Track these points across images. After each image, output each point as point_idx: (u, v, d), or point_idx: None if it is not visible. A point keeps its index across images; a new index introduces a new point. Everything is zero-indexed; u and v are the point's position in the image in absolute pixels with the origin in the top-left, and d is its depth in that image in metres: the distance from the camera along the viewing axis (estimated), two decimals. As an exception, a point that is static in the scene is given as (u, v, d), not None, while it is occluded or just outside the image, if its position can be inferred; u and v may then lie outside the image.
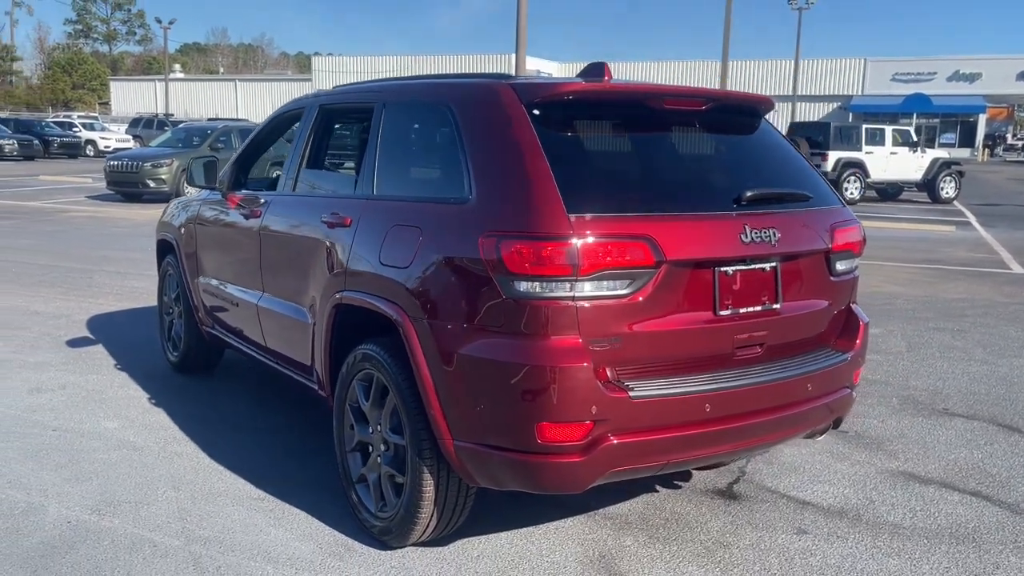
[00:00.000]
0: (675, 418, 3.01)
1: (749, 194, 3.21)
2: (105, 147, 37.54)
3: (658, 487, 4.18)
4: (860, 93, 55.60)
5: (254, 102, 60.63)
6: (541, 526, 3.72)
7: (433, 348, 3.09)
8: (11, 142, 34.09)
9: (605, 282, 2.89)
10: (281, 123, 4.89)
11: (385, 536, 3.44)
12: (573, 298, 2.86)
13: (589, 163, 3.18)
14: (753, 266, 3.21)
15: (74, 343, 6.66)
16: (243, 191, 4.88)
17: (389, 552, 3.45)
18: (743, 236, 3.11)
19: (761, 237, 3.16)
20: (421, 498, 3.24)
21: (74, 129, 40.44)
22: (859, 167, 22.99)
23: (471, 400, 3.01)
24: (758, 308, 3.25)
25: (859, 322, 3.66)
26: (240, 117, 52.20)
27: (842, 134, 23.53)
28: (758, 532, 3.73)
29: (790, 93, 48.06)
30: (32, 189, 21.97)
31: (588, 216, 2.88)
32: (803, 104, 53.40)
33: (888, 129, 24.43)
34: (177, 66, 76.14)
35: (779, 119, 49.75)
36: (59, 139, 37.70)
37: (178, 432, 4.80)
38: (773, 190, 3.42)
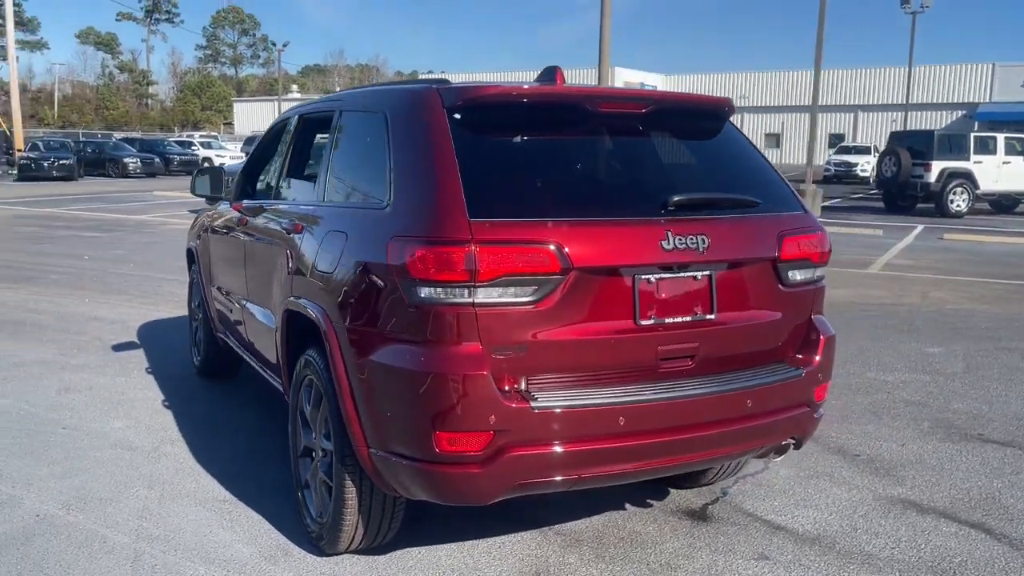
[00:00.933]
0: (584, 431, 2.89)
1: (677, 199, 3.06)
2: (219, 164, 39.39)
3: (627, 504, 4.03)
4: (988, 100, 52.52)
5: (364, 119, 62.38)
6: (487, 540, 3.64)
7: (351, 354, 3.08)
8: (135, 160, 36.38)
9: (507, 289, 2.81)
10: (275, 133, 5.00)
11: (320, 542, 3.45)
12: (473, 304, 2.79)
13: (504, 167, 3.10)
14: (682, 274, 3.06)
15: (118, 347, 6.98)
16: (246, 200, 5.01)
17: (324, 559, 3.44)
18: (664, 243, 2.97)
19: (686, 244, 3.00)
20: (345, 505, 3.23)
21: (193, 148, 42.77)
22: (966, 177, 21.69)
23: (381, 408, 2.98)
24: (688, 318, 3.09)
25: (820, 335, 3.43)
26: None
27: (948, 143, 22.28)
28: (714, 555, 3.54)
29: (902, 102, 45.90)
30: (143, 203, 23.29)
31: (490, 221, 2.81)
32: (919, 113, 50.92)
33: (1000, 137, 22.97)
34: (294, 86, 79.45)
35: (884, 129, 47.87)
36: (178, 157, 39.95)
37: (175, 433, 4.95)
38: (704, 195, 3.25)
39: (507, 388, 2.85)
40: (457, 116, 3.07)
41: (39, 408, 5.38)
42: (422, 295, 2.80)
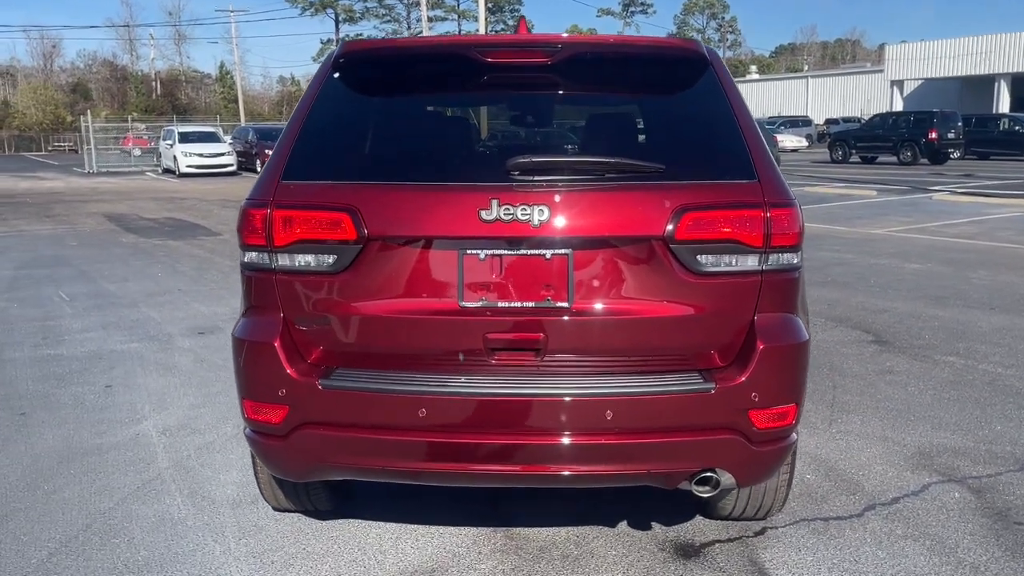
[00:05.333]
0: (380, 418, 2.61)
1: (514, 162, 2.56)
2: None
3: (619, 523, 3.48)
4: None
5: (823, 98, 59.26)
6: (424, 527, 3.45)
7: None
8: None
9: (304, 256, 2.66)
10: None
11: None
12: (273, 271, 2.69)
13: (348, 127, 2.88)
14: (526, 252, 2.57)
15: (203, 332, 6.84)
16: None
17: (283, 513, 3.52)
18: (484, 213, 2.52)
19: (515, 216, 2.51)
20: (256, 472, 3.33)
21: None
22: None
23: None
24: (530, 304, 2.58)
25: (759, 343, 2.60)
26: (804, 115, 51.62)
27: None
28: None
29: None
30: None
31: (296, 184, 2.68)
32: None
33: None
34: (753, 67, 78.19)
35: None
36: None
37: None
38: (555, 158, 2.65)
39: (309, 362, 2.69)
40: (337, 74, 2.94)
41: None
42: (245, 259, 2.78)
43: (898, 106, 45.04)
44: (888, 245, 11.05)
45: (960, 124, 29.40)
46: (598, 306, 2.59)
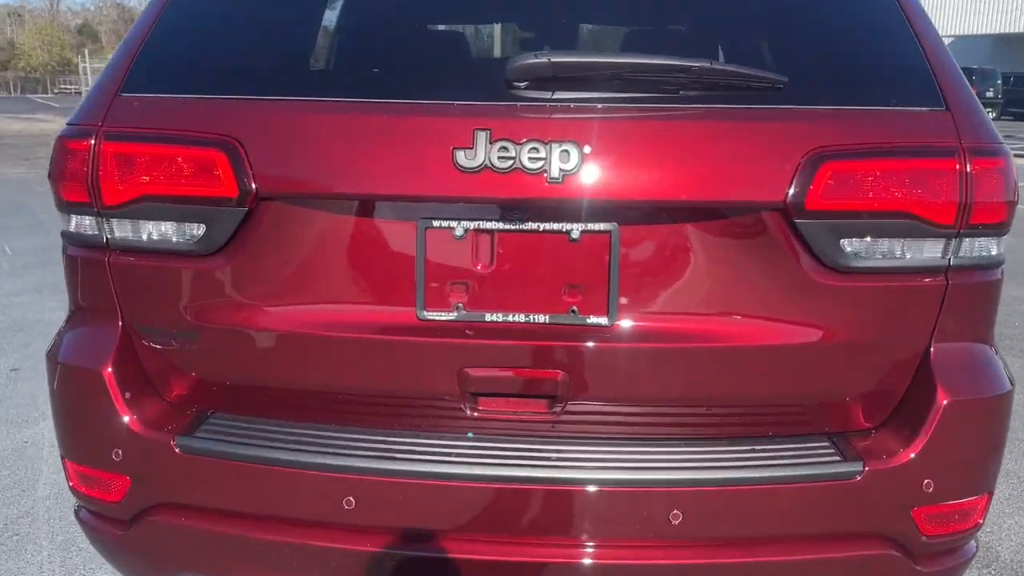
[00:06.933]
0: (279, 507, 1.53)
1: (525, 62, 1.42)
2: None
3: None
4: None
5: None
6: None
7: None
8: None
9: (155, 225, 1.55)
10: None
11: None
12: (106, 248, 1.59)
13: (229, 9, 1.75)
14: (535, 226, 1.47)
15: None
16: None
17: None
18: (462, 155, 1.41)
19: (519, 160, 1.41)
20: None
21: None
22: None
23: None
24: (542, 318, 1.48)
25: (941, 393, 1.50)
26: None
27: None
28: None
29: None
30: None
31: (139, 97, 1.56)
32: None
33: None
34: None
35: None
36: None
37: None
38: (594, 58, 1.51)
39: (168, 400, 1.61)
40: None
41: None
42: (68, 228, 1.67)
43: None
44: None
45: (999, 82, 27.71)
46: (659, 324, 1.48)
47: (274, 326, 1.55)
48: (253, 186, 1.47)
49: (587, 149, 1.40)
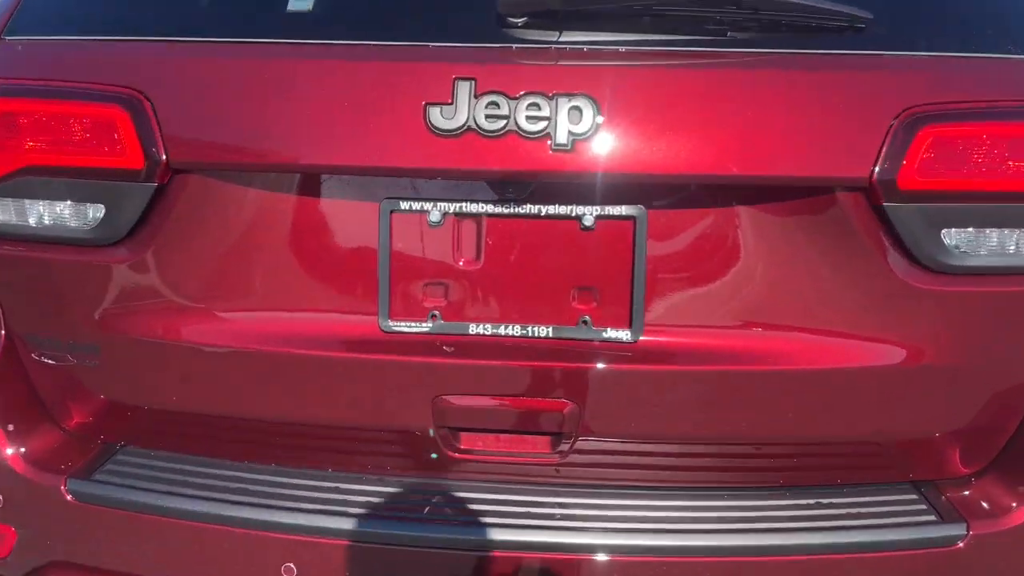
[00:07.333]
0: (191, 569, 1.20)
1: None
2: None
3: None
4: None
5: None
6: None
7: None
8: None
9: (42, 204, 1.22)
10: None
11: None
12: (-19, 234, 1.26)
13: None
14: (534, 209, 1.12)
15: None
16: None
17: None
18: (438, 112, 1.06)
19: (513, 120, 1.08)
20: None
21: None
22: None
23: None
24: (544, 330, 1.14)
25: None
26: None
27: None
28: None
29: None
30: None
31: (24, 40, 1.23)
32: None
33: None
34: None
35: None
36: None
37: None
38: None
39: (67, 429, 1.29)
40: None
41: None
42: None
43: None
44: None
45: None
46: (696, 340, 1.14)
47: (196, 338, 1.21)
48: (163, 155, 1.13)
49: (605, 107, 1.05)
